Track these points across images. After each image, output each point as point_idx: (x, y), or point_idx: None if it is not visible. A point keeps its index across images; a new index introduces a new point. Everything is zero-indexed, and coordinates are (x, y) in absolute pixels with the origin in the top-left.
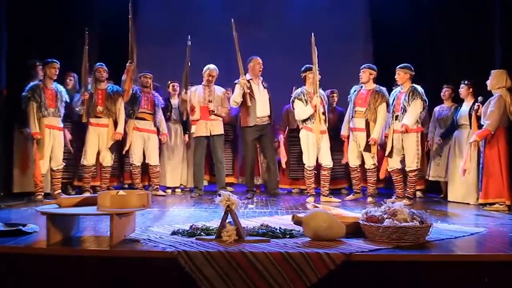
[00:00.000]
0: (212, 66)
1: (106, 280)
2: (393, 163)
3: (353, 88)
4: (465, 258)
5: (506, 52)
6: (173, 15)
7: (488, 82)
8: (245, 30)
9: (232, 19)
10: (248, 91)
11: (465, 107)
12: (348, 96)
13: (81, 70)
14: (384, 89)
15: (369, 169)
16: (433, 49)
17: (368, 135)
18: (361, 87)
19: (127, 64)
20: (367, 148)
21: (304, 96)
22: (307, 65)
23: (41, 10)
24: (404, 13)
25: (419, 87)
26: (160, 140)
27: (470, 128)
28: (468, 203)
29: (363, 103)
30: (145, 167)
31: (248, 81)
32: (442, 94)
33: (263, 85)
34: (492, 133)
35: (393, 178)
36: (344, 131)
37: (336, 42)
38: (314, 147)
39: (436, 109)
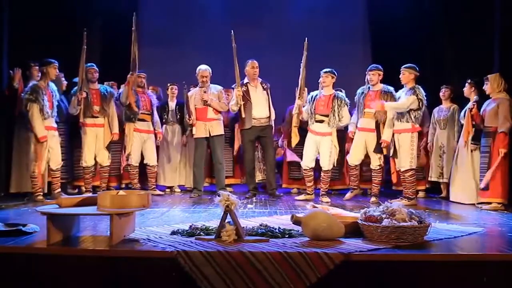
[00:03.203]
0: (203, 66)
1: (106, 280)
2: (399, 163)
3: (360, 89)
4: (464, 257)
5: (505, 52)
6: (173, 16)
7: (487, 87)
8: (245, 30)
9: (232, 31)
10: (243, 102)
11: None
12: (355, 97)
13: (79, 70)
14: (391, 88)
15: (374, 169)
16: (433, 50)
17: (378, 136)
18: (369, 88)
19: (128, 75)
20: (378, 149)
21: (311, 98)
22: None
23: (42, 10)
24: (404, 14)
25: (419, 88)
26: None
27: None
28: (467, 203)
29: (372, 104)
30: (142, 167)
31: (246, 84)
32: (441, 94)
33: (262, 86)
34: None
35: (401, 178)
36: (352, 128)
37: (335, 43)
38: (313, 148)
39: (435, 110)
